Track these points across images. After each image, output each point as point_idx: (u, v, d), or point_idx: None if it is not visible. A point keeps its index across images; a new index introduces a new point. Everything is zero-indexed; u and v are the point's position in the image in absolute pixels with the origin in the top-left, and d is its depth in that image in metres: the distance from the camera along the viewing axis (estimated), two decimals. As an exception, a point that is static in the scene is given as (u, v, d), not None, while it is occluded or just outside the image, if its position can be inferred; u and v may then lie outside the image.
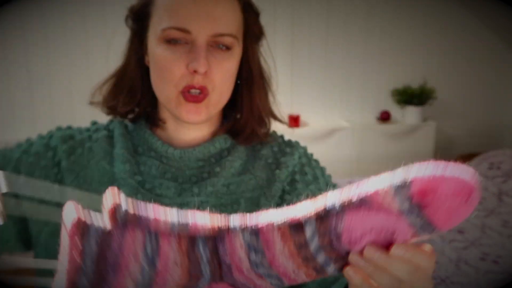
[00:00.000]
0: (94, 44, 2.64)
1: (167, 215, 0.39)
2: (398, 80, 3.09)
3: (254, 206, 0.76)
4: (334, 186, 0.80)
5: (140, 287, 0.41)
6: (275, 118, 0.83)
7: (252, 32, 0.76)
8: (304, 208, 0.40)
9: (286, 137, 0.88)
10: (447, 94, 3.18)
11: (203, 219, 0.40)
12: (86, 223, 0.38)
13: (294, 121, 2.88)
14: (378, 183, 0.37)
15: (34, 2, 2.54)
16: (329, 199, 0.39)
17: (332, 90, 3.02)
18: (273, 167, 0.80)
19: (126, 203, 0.38)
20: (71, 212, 0.38)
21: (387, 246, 0.41)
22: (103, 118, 0.88)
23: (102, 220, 0.38)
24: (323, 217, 0.40)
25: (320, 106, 3.03)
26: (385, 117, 3.00)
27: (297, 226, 0.40)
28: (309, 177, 0.80)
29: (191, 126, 0.77)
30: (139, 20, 0.75)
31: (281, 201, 0.78)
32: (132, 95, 0.78)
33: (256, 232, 0.41)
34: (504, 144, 3.34)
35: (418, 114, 2.97)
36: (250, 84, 0.78)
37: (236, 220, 0.42)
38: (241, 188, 0.77)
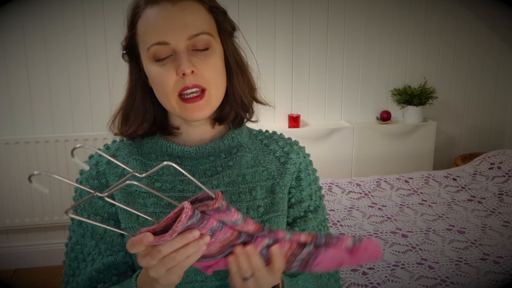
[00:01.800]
0: (94, 44, 2.64)
1: (234, 215, 0.67)
2: (398, 80, 3.09)
3: (269, 193, 0.88)
4: (320, 189, 0.98)
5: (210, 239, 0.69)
6: (258, 101, 0.92)
7: (224, 29, 0.85)
8: (306, 236, 0.71)
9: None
10: (447, 94, 3.18)
11: (250, 225, 0.69)
12: (191, 214, 0.65)
13: (294, 121, 2.88)
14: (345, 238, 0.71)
15: (34, 2, 2.54)
16: (320, 237, 0.71)
17: (332, 90, 3.02)
18: (282, 160, 0.91)
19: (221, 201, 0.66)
20: (187, 207, 0.65)
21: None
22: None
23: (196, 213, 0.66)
24: (317, 247, 0.71)
25: (320, 106, 3.03)
26: (385, 117, 3.00)
27: (300, 244, 0.71)
28: (311, 177, 0.93)
29: (198, 124, 0.88)
30: (131, 51, 0.86)
31: (288, 194, 0.91)
32: (145, 116, 0.88)
33: (276, 241, 0.71)
34: (504, 144, 3.33)
35: (418, 114, 2.97)
36: (230, 74, 0.87)
37: (266, 230, 0.71)
38: (255, 178, 0.88)
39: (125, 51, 0.87)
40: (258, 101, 0.92)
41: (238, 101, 0.88)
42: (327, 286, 0.93)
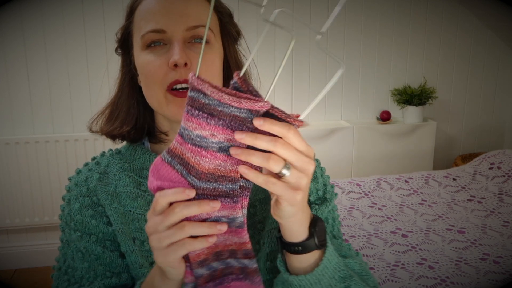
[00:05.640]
0: (94, 44, 2.64)
1: None
2: (398, 80, 3.09)
3: (268, 206, 0.81)
4: (332, 187, 0.87)
5: None
6: None
7: (228, 32, 0.81)
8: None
9: None
10: (447, 94, 3.18)
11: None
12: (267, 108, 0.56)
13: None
14: None
15: (34, 2, 2.54)
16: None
17: (332, 90, 3.02)
18: None
19: None
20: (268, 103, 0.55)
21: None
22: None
23: None
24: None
25: (320, 106, 3.03)
26: (385, 117, 3.00)
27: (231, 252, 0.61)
28: (313, 186, 0.84)
29: None
30: (124, 40, 0.80)
31: None
32: (130, 115, 0.81)
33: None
34: (504, 144, 3.33)
35: (418, 114, 2.97)
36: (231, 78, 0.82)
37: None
38: (253, 191, 0.80)
39: (118, 43, 0.81)
40: None
41: None
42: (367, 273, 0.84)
